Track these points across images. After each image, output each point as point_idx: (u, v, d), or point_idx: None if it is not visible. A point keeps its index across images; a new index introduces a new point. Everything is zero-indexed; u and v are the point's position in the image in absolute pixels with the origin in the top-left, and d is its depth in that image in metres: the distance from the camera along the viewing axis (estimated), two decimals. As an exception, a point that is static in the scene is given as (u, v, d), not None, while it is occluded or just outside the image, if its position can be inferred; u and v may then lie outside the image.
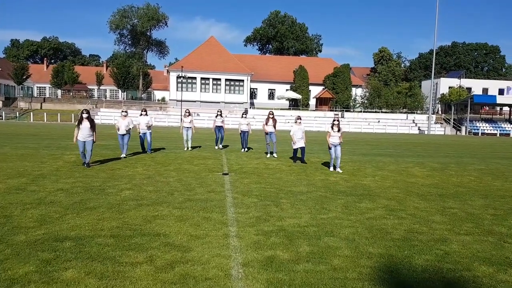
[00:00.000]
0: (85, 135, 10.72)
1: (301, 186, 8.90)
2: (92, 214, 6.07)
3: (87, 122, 10.76)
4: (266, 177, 10.00)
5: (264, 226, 5.65)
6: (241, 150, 16.52)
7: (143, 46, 68.01)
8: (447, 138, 40.40)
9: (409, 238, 5.40)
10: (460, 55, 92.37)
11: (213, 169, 11.25)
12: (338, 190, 8.61)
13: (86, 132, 10.71)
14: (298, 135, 13.17)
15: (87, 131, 10.71)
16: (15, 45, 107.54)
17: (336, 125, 11.57)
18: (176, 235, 5.13)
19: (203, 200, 7.15)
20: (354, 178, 10.32)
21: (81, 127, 10.68)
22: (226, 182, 9.08)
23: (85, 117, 10.78)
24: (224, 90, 58.87)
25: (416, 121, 57.39)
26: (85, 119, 10.76)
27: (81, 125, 10.69)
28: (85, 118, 10.77)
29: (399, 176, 11.04)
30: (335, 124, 11.60)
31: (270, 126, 14.83)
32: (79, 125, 10.71)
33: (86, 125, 10.72)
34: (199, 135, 27.61)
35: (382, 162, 14.44)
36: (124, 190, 7.84)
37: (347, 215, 6.44)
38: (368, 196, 8.04)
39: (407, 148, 22.66)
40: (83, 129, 10.71)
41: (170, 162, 12.50)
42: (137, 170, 10.57)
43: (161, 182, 8.88)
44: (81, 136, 10.72)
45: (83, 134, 10.71)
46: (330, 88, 60.75)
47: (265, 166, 12.25)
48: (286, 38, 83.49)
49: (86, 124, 10.73)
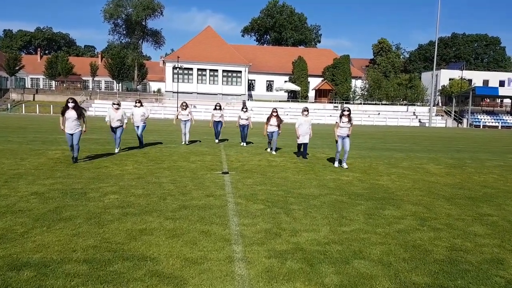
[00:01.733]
0: (72, 126, 9.68)
1: (312, 188, 7.84)
2: (66, 227, 4.99)
3: (73, 111, 9.67)
4: (271, 177, 8.94)
5: (276, 244, 4.59)
6: (241, 144, 15.57)
7: (138, 36, 66.34)
8: (451, 131, 39.44)
9: (456, 260, 4.36)
10: (460, 46, 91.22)
11: (212, 166, 10.17)
12: (355, 192, 7.56)
13: (72, 122, 9.66)
14: (304, 129, 12.08)
15: (73, 121, 9.66)
16: (8, 35, 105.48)
17: (346, 115, 10.48)
18: (166, 259, 4.07)
19: (200, 207, 6.08)
20: (368, 178, 9.27)
21: (67, 117, 9.62)
22: (227, 183, 8.01)
23: (71, 106, 9.68)
24: (221, 81, 57.53)
25: (416, 113, 56.40)
26: (70, 108, 9.66)
27: (66, 114, 9.63)
28: (70, 107, 9.65)
29: (416, 175, 10.01)
30: (344, 114, 10.48)
31: (272, 126, 13.15)
32: (64, 114, 9.70)
33: (72, 114, 9.64)
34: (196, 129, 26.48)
35: (393, 158, 13.40)
36: (108, 194, 6.75)
37: (373, 227, 5.39)
38: (390, 201, 7.00)
39: (414, 142, 21.64)
40: (69, 120, 9.64)
41: (165, 158, 11.40)
42: (127, 168, 9.47)
43: (152, 183, 7.79)
44: (68, 128, 9.69)
45: (70, 125, 9.66)
46: (330, 80, 59.54)
47: (268, 163, 11.18)
48: (285, 29, 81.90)
49: (71, 113, 9.65)
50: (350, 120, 10.52)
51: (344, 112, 10.52)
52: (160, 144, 15.43)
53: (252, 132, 16.16)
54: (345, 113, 10.50)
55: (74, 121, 9.70)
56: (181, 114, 15.10)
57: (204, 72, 57.03)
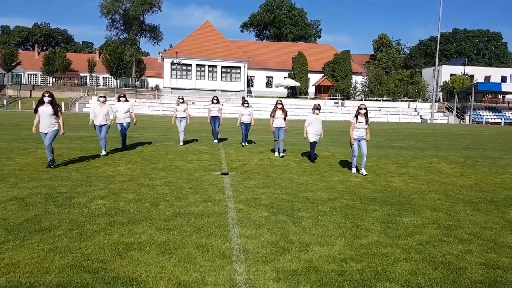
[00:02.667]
0: (47, 124, 8.47)
1: (319, 191, 7.20)
2: (43, 240, 4.35)
3: (49, 107, 8.46)
4: (274, 178, 8.29)
5: (284, 262, 3.95)
6: (241, 144, 14.28)
7: (136, 31, 65.57)
8: (454, 128, 38.80)
9: (494, 280, 3.73)
10: (461, 42, 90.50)
11: (210, 167, 9.52)
12: (366, 196, 6.92)
13: (47, 120, 8.44)
14: (315, 128, 10.64)
15: (48, 119, 8.45)
16: (5, 31, 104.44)
17: (362, 114, 9.02)
18: (156, 283, 3.42)
19: (197, 215, 5.43)
20: (378, 179, 8.63)
21: (41, 113, 8.39)
22: (226, 186, 7.36)
23: (47, 100, 8.45)
24: (220, 77, 56.75)
25: (418, 110, 55.74)
26: (46, 103, 8.45)
27: (40, 110, 8.39)
28: (46, 102, 8.44)
29: (429, 175, 9.37)
30: (360, 113, 9.02)
31: (278, 120, 11.51)
32: (38, 108, 8.44)
33: (47, 111, 8.40)
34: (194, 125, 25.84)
35: (401, 156, 12.76)
36: (96, 199, 6.10)
37: (393, 239, 4.75)
38: (407, 206, 6.36)
39: (419, 139, 20.99)
40: (44, 117, 8.42)
41: (160, 157, 10.75)
42: (119, 169, 8.81)
43: (145, 186, 7.13)
44: (42, 126, 8.46)
45: (45, 123, 8.45)
46: (330, 76, 58.83)
47: (270, 162, 10.53)
48: (284, 24, 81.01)
49: (47, 109, 8.41)
50: (367, 120, 9.11)
51: (360, 111, 9.03)
52: (156, 142, 14.77)
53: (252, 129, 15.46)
54: (361, 112, 9.02)
55: (49, 118, 8.45)
56: (176, 110, 13.88)
57: (203, 68, 56.26)
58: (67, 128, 12.28)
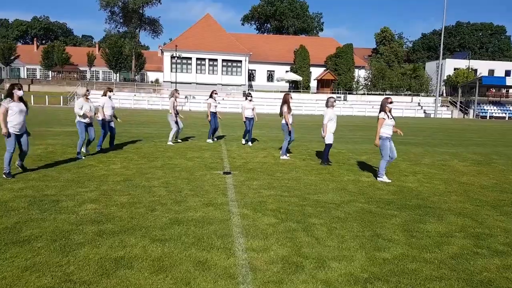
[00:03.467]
0: (20, 124, 7.01)
1: (330, 193, 6.62)
2: (20, 254, 3.78)
3: (22, 103, 7.03)
4: (280, 178, 7.71)
5: (299, 283, 3.37)
6: (243, 142, 13.28)
7: (135, 24, 64.69)
8: (459, 122, 38.16)
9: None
10: (464, 35, 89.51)
11: (211, 165, 8.94)
12: (382, 198, 6.34)
13: (21, 119, 6.99)
14: (334, 126, 9.39)
15: (21, 118, 7.00)
16: (4, 25, 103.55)
17: (389, 109, 7.80)
18: (147, 313, 2.86)
19: (197, 222, 4.86)
20: (392, 178, 8.04)
21: (16, 110, 6.84)
22: (229, 187, 6.79)
23: (21, 94, 7.00)
24: (221, 71, 56.01)
25: (421, 104, 55.00)
26: (17, 98, 6.95)
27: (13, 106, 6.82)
28: (20, 95, 6.98)
29: (444, 174, 8.78)
30: (388, 107, 7.76)
31: (290, 116, 10.25)
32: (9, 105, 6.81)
33: (19, 107, 6.92)
34: (195, 120, 25.25)
35: (411, 153, 12.17)
36: (86, 203, 5.53)
37: (420, 251, 4.18)
38: (427, 210, 5.78)
39: (427, 134, 20.38)
40: (16, 116, 6.89)
41: (158, 155, 10.17)
42: (114, 167, 8.23)
43: (141, 187, 6.55)
44: (16, 126, 6.93)
45: (19, 122, 6.95)
46: (332, 69, 58.03)
47: (275, 160, 9.94)
48: (286, 17, 79.95)
49: (20, 106, 6.96)
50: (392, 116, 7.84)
51: (388, 105, 7.74)
52: (155, 138, 14.20)
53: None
54: (389, 106, 7.77)
55: (22, 117, 7.02)
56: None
57: (203, 61, 55.49)
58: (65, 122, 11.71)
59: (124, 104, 46.07)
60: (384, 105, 7.71)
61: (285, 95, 10.31)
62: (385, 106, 7.70)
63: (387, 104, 7.72)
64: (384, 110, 7.70)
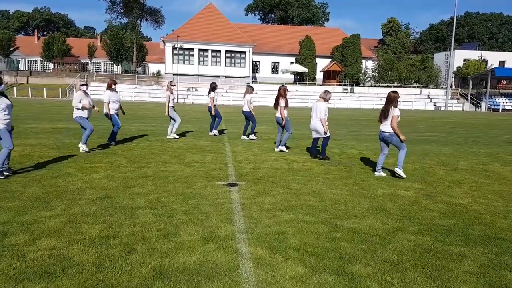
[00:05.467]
0: (8, 119, 6.44)
1: (367, 216, 5.12)
2: None
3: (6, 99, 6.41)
4: (298, 191, 6.22)
5: None
6: (242, 137, 12.72)
7: (137, 15, 62.95)
8: (474, 116, 36.45)
9: None
10: (473, 26, 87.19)
11: (213, 172, 7.46)
12: (436, 225, 4.83)
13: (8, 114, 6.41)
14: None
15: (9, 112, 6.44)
16: (4, 16, 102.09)
17: None
18: None
19: (191, 275, 3.38)
20: (434, 191, 6.54)
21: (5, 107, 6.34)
22: (235, 207, 5.31)
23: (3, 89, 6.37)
24: (224, 62, 54.33)
25: (431, 96, 53.22)
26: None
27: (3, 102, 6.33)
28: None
29: (493, 184, 7.26)
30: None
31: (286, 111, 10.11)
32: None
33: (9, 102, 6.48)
34: (197, 114, 23.77)
35: (442, 154, 10.65)
36: (42, 238, 4.07)
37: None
38: (501, 243, 4.28)
39: (448, 130, 18.79)
40: (8, 110, 6.38)
41: (152, 158, 8.69)
42: (94, 177, 6.76)
43: (121, 209, 5.08)
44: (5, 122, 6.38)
45: (7, 118, 6.41)
46: (339, 61, 56.23)
47: (288, 165, 8.44)
48: (291, 6, 77.83)
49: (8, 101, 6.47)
50: None
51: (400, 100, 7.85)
52: (151, 136, 12.74)
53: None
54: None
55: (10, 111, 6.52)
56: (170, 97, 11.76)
57: (206, 52, 53.83)
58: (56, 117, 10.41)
59: (124, 96, 44.59)
60: (397, 100, 7.26)
61: (281, 88, 9.96)
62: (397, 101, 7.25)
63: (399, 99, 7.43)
64: (397, 106, 7.26)
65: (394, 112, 7.16)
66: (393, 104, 7.19)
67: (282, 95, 9.86)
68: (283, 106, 9.83)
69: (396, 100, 7.21)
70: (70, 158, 8.42)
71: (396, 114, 7.16)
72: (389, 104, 7.26)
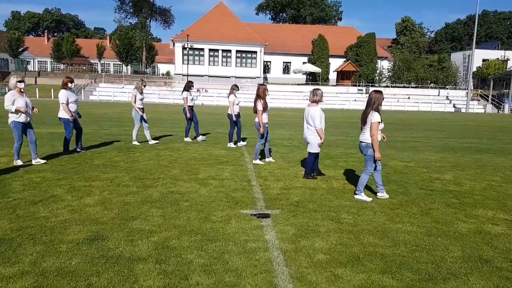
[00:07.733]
0: None
1: (470, 274, 3.52)
2: None
3: None
4: (356, 229, 4.64)
5: None
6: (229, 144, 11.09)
7: (146, 14, 61.84)
8: (500, 119, 34.43)
9: None
10: (491, 24, 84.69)
11: (236, 194, 5.91)
12: None
13: None
14: None
15: None
16: (16, 17, 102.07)
17: None
18: None
19: None
20: (532, 226, 4.93)
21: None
22: (275, 258, 3.75)
23: None
24: (234, 63, 52.84)
25: (450, 97, 51.07)
26: None
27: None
28: None
29: None
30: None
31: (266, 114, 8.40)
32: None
33: None
34: (206, 116, 22.29)
35: (502, 167, 8.94)
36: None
37: None
38: None
39: (486, 136, 17.00)
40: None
41: (159, 173, 7.19)
42: (85, 203, 5.26)
43: (114, 262, 3.54)
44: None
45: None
46: (353, 60, 54.39)
47: (327, 183, 6.85)
48: (303, 5, 76.10)
49: None
50: None
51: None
52: (160, 142, 11.26)
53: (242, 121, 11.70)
54: None
55: None
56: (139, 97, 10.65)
57: (216, 52, 52.39)
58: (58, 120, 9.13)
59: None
60: (379, 102, 5.56)
61: (260, 87, 8.26)
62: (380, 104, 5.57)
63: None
64: (379, 110, 5.56)
65: (373, 117, 5.47)
66: (373, 108, 5.53)
67: (260, 96, 8.18)
68: (260, 110, 8.14)
69: (379, 102, 5.55)
70: (62, 174, 6.95)
71: (375, 120, 5.45)
72: (368, 108, 5.61)
